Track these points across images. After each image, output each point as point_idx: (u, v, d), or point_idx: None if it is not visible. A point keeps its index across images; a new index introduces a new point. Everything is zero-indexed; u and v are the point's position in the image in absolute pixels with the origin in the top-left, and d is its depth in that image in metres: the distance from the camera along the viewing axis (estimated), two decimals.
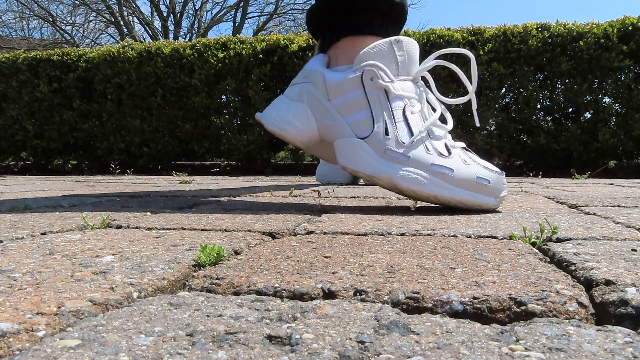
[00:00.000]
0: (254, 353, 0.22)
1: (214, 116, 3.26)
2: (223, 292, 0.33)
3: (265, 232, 0.57)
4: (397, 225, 0.62)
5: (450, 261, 0.40)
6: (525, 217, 0.69)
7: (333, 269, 0.38)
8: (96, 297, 0.30)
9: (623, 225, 0.60)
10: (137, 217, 0.72)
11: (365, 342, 0.23)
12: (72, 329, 0.25)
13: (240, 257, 0.43)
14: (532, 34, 2.80)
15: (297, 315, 0.27)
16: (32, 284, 0.33)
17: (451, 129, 0.82)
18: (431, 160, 0.75)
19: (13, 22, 12.60)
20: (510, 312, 0.29)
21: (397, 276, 0.35)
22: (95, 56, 3.38)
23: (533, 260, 0.41)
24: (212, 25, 11.96)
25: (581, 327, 0.26)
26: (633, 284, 0.31)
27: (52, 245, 0.48)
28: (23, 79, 3.50)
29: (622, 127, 2.74)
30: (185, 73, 3.21)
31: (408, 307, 0.30)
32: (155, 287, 0.33)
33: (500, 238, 0.52)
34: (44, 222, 0.65)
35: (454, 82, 2.88)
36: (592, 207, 0.84)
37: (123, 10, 10.95)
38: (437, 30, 2.92)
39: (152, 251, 0.45)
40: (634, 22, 2.71)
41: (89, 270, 0.37)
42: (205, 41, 3.27)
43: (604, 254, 0.42)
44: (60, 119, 3.45)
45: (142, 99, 3.31)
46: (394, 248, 0.46)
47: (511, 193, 1.15)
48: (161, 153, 3.33)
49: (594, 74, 2.76)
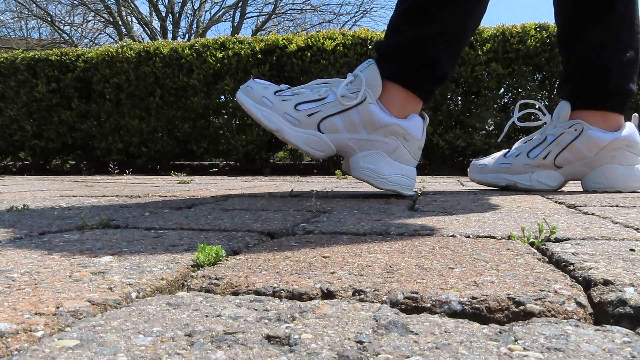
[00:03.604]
0: (253, 353, 0.22)
1: (213, 116, 3.25)
2: (222, 292, 0.33)
3: (264, 232, 0.57)
4: (395, 225, 0.62)
5: (449, 261, 0.40)
6: (524, 217, 0.70)
7: (332, 269, 0.38)
8: (95, 298, 0.30)
9: (621, 225, 0.60)
10: (135, 217, 0.72)
11: (364, 342, 0.23)
12: (71, 329, 0.25)
13: (239, 257, 0.43)
14: (531, 34, 2.80)
15: (295, 315, 0.27)
16: (31, 284, 0.33)
17: None
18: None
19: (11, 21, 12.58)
20: (509, 312, 0.29)
21: (396, 276, 0.35)
22: (93, 56, 3.38)
23: (531, 260, 0.41)
24: (210, 25, 11.96)
25: (580, 327, 0.26)
26: (631, 284, 0.31)
27: (51, 246, 0.47)
28: (21, 79, 3.49)
29: None
30: (184, 73, 3.20)
31: (407, 307, 0.30)
32: (154, 287, 0.33)
33: (498, 238, 0.52)
34: (42, 222, 0.65)
35: (453, 82, 2.89)
36: (590, 207, 0.84)
37: (121, 10, 10.94)
38: None
39: (151, 251, 0.45)
40: None
41: (87, 270, 0.37)
42: (203, 41, 3.27)
43: (603, 253, 0.42)
44: (59, 119, 3.45)
45: (140, 99, 3.30)
46: (393, 248, 0.46)
47: (510, 193, 1.16)
48: (160, 153, 3.33)
49: None
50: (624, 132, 1.18)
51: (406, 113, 1.02)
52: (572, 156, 1.20)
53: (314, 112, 1.00)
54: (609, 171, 1.18)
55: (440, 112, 2.91)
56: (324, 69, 2.95)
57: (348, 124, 1.00)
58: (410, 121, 1.01)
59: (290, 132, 1.00)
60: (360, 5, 14.63)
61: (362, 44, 2.98)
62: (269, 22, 12.23)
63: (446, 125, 2.92)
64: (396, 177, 1.01)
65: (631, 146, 1.18)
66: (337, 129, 1.00)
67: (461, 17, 1.02)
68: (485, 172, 1.29)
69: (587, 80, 1.18)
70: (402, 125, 1.00)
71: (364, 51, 2.96)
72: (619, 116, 1.19)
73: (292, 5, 12.00)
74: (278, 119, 1.00)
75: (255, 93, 1.02)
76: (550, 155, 1.21)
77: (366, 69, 1.00)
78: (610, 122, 1.18)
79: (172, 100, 3.25)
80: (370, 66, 0.99)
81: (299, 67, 3.01)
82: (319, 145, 1.01)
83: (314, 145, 1.01)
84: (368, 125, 1.00)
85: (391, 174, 1.01)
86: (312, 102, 1.00)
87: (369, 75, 0.99)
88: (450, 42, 1.02)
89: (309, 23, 13.09)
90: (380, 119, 0.99)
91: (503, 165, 1.26)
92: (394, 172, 1.01)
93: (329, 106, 1.00)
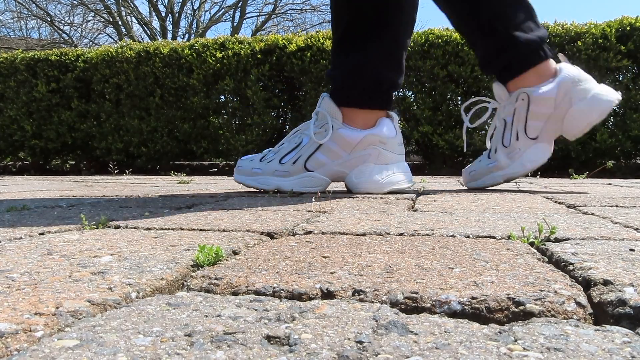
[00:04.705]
0: (253, 353, 0.22)
1: (213, 116, 3.25)
2: (221, 292, 0.33)
3: (264, 232, 0.57)
4: (395, 225, 0.62)
5: (449, 261, 0.40)
6: (524, 217, 0.70)
7: (331, 269, 0.38)
8: (94, 298, 0.30)
9: (621, 225, 0.60)
10: (135, 217, 0.72)
11: (363, 342, 0.23)
12: (70, 329, 0.25)
13: (238, 257, 0.43)
14: None
15: (295, 316, 0.27)
16: (30, 284, 0.33)
17: None
18: None
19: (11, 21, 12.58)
20: (509, 312, 0.29)
21: (396, 276, 0.35)
22: (93, 56, 3.38)
23: (531, 260, 0.41)
24: (210, 25, 11.96)
25: (579, 327, 0.26)
26: (631, 284, 0.31)
27: (51, 246, 0.47)
28: (21, 79, 3.49)
29: (620, 127, 2.75)
30: (184, 73, 3.20)
31: (406, 307, 0.30)
32: (154, 287, 0.33)
33: (498, 238, 0.52)
34: (42, 222, 0.65)
35: (452, 82, 2.89)
36: (590, 207, 0.84)
37: (121, 10, 10.94)
38: (436, 31, 2.92)
39: (151, 251, 0.45)
40: (632, 22, 2.71)
41: (87, 270, 0.37)
42: (203, 41, 3.27)
43: (602, 253, 0.42)
44: (59, 119, 3.45)
45: (140, 99, 3.30)
46: (393, 248, 0.46)
47: (509, 193, 1.16)
48: (159, 153, 3.33)
49: (592, 74, 2.75)
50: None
51: (373, 121, 1.13)
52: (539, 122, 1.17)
53: (297, 158, 1.13)
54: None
55: (440, 112, 2.91)
56: (324, 68, 2.95)
57: (329, 154, 1.12)
58: (379, 126, 1.12)
59: (286, 183, 1.13)
60: None
61: None
62: (269, 22, 12.23)
63: (446, 125, 2.92)
64: (389, 178, 1.13)
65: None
66: (323, 163, 1.13)
67: (392, 33, 1.11)
68: (477, 177, 1.28)
69: None
70: (373, 133, 1.11)
71: None
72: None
73: (291, 5, 12.01)
74: (271, 179, 1.15)
75: (246, 169, 1.17)
76: (520, 133, 1.20)
77: (322, 103, 1.12)
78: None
79: (171, 100, 3.25)
80: (324, 100, 1.12)
81: (299, 67, 3.01)
82: (314, 182, 1.13)
83: (310, 184, 1.13)
84: (345, 147, 1.12)
85: (383, 178, 1.13)
86: (292, 152, 1.14)
87: (327, 108, 1.11)
88: (387, 57, 1.12)
89: (309, 23, 13.11)
90: (353, 138, 1.11)
91: (491, 164, 1.25)
92: (384, 175, 1.13)
93: (306, 148, 1.13)
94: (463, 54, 2.83)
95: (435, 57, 2.85)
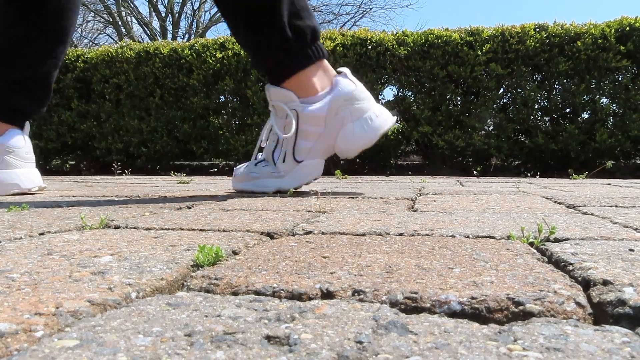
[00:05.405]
0: (252, 353, 0.22)
1: (212, 116, 3.25)
2: (221, 293, 0.33)
3: (264, 232, 0.57)
4: (395, 225, 0.62)
5: (449, 261, 0.40)
6: (523, 217, 0.70)
7: (331, 269, 0.38)
8: (94, 298, 0.30)
9: (620, 225, 0.60)
10: (135, 217, 0.72)
11: (363, 342, 0.23)
12: (70, 330, 0.25)
13: (238, 257, 0.43)
14: (530, 34, 2.80)
15: (295, 316, 0.27)
16: (30, 284, 0.33)
17: None
18: None
19: None
20: (508, 312, 0.29)
21: (396, 276, 0.35)
22: (93, 56, 3.38)
23: (531, 260, 0.41)
24: (210, 26, 11.96)
25: (579, 327, 0.26)
26: (630, 284, 0.32)
27: (50, 246, 0.47)
28: None
29: (620, 128, 2.75)
30: (184, 73, 3.20)
31: (406, 307, 0.30)
32: (154, 287, 0.33)
33: (498, 238, 0.52)
34: (42, 223, 0.65)
35: (452, 83, 2.89)
36: (589, 207, 0.84)
37: (121, 11, 10.94)
38: (436, 31, 2.92)
39: (151, 251, 0.45)
40: (632, 22, 2.71)
41: (87, 270, 0.37)
42: (203, 41, 3.27)
43: (602, 254, 0.42)
44: (59, 119, 3.45)
45: (140, 99, 3.30)
46: (392, 248, 0.46)
47: (509, 193, 1.16)
48: (159, 153, 3.33)
49: (591, 75, 2.77)
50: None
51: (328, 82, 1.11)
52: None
53: (283, 155, 1.13)
54: None
55: (440, 113, 2.91)
56: None
57: (309, 137, 1.11)
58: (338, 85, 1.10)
59: (287, 182, 1.14)
60: (359, 6, 14.62)
61: (362, 45, 2.98)
62: None
63: (445, 126, 2.92)
64: (372, 124, 1.11)
65: (11, 152, 1.21)
66: (309, 148, 1.12)
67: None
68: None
69: None
70: (336, 96, 1.09)
71: (363, 51, 2.96)
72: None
73: None
74: (270, 181, 1.15)
75: (243, 175, 1.19)
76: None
77: (271, 96, 1.11)
78: None
79: (171, 101, 3.25)
80: (270, 91, 1.11)
81: None
82: (309, 169, 1.14)
83: (307, 173, 1.14)
84: (319, 122, 1.09)
85: (366, 129, 1.10)
86: (276, 150, 1.14)
87: (278, 97, 1.09)
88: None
89: None
90: (321, 112, 1.08)
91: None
92: (366, 126, 1.10)
93: (286, 143, 1.12)
94: (463, 54, 2.83)
95: (435, 57, 2.85)
